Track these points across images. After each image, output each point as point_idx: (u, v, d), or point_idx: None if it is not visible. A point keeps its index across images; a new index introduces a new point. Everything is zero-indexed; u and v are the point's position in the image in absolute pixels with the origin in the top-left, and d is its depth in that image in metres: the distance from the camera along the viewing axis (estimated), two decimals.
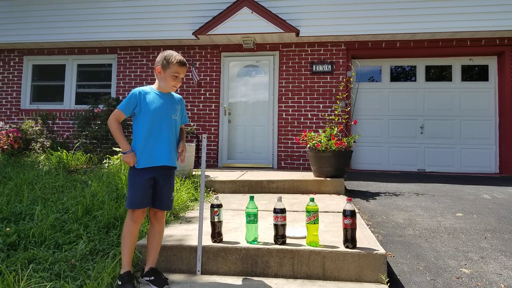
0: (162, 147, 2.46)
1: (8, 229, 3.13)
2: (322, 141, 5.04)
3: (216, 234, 2.73)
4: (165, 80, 2.48)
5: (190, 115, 7.57)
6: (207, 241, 2.73)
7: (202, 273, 2.62)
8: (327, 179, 4.95)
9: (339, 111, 6.72)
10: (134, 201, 2.38)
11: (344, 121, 6.88)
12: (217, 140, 7.52)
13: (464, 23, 6.58)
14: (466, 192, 5.11)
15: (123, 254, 2.40)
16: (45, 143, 7.38)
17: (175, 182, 4.40)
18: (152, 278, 2.42)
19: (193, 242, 2.75)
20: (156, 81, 2.56)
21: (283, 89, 7.37)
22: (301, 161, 7.24)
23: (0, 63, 8.28)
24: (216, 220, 2.71)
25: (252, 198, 2.70)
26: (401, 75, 7.63)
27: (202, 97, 7.59)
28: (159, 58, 2.50)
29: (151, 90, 2.52)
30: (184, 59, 2.52)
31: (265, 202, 4.27)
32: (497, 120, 7.12)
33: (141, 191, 2.38)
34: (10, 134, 6.87)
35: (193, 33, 7.07)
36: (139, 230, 2.50)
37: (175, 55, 2.48)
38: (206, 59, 7.62)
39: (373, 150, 7.46)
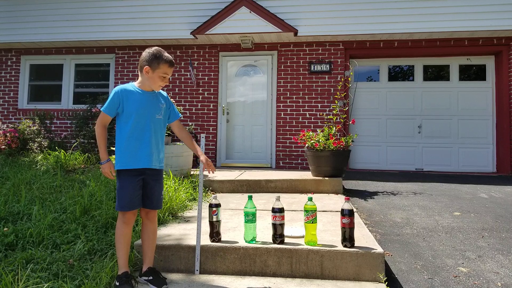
0: (145, 150, 2.39)
1: (6, 229, 3.13)
2: (320, 140, 5.05)
3: (215, 234, 2.73)
4: (152, 80, 2.38)
5: (188, 114, 7.56)
6: (206, 240, 2.73)
7: (200, 273, 2.63)
8: (325, 178, 4.96)
9: (337, 111, 6.74)
10: (124, 203, 2.35)
11: (342, 120, 6.89)
12: (215, 139, 7.52)
13: (462, 22, 6.59)
14: (463, 191, 5.13)
15: (118, 256, 2.39)
16: (42, 143, 7.37)
17: (173, 181, 4.42)
18: (151, 277, 2.41)
19: (192, 241, 2.75)
20: (139, 78, 2.44)
21: (282, 88, 7.37)
22: (299, 161, 7.25)
23: None
24: (214, 219, 2.71)
25: (250, 197, 2.71)
26: (399, 74, 7.64)
27: (201, 96, 7.59)
28: (146, 56, 2.36)
29: (133, 88, 2.41)
30: (172, 59, 2.42)
31: (264, 202, 4.27)
32: (494, 120, 7.14)
33: (131, 193, 2.35)
34: (8, 134, 6.85)
35: (191, 33, 7.06)
36: (131, 230, 2.49)
37: (165, 54, 2.37)
38: (204, 58, 7.61)
39: (371, 150, 7.47)
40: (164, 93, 2.60)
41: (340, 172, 5.04)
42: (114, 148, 2.46)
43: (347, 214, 2.54)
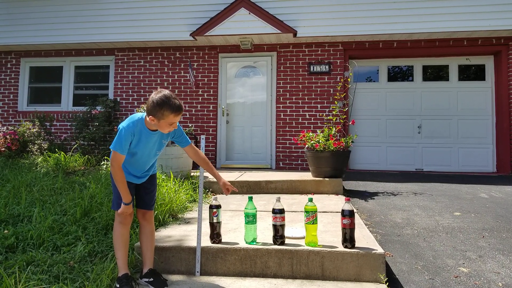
0: (140, 173, 2.48)
1: (6, 231, 3.13)
2: (320, 141, 5.05)
3: (215, 235, 2.73)
4: (159, 128, 2.29)
5: (188, 116, 7.57)
6: (206, 242, 2.73)
7: (201, 274, 2.62)
8: (326, 179, 4.96)
9: (337, 111, 6.74)
10: (119, 202, 2.37)
11: (342, 121, 6.89)
12: (215, 141, 7.52)
13: (461, 23, 6.60)
14: (463, 191, 5.12)
15: (117, 258, 2.40)
16: (42, 145, 7.36)
17: (174, 183, 4.42)
18: (152, 279, 2.41)
19: (192, 243, 2.75)
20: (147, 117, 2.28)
21: (281, 89, 7.38)
22: (299, 162, 7.25)
23: None
24: (215, 221, 2.71)
25: (250, 198, 2.71)
26: (399, 75, 7.65)
27: (200, 98, 7.59)
28: (151, 105, 2.18)
29: (142, 127, 2.31)
30: (181, 104, 2.24)
31: (264, 203, 4.27)
32: (494, 119, 7.14)
33: None
34: (8, 136, 6.85)
35: (191, 34, 7.07)
36: (129, 230, 2.51)
37: (171, 104, 2.17)
38: (204, 60, 7.62)
39: (371, 150, 7.47)
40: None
41: (340, 172, 5.04)
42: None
43: (348, 214, 2.53)
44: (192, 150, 2.60)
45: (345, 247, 2.56)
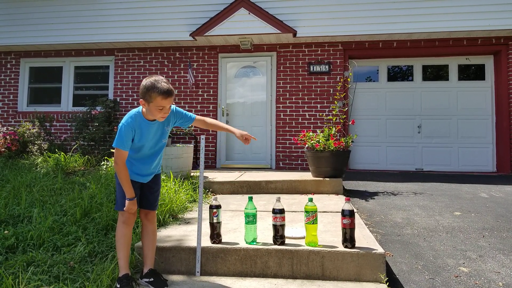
0: (146, 171, 2.48)
1: (6, 232, 3.13)
2: (320, 141, 5.05)
3: (215, 235, 2.73)
4: (151, 113, 2.31)
5: None
6: (206, 242, 2.73)
7: (201, 274, 2.62)
8: (326, 179, 4.96)
9: (336, 111, 6.74)
10: (123, 202, 2.37)
11: (341, 121, 6.89)
12: (215, 141, 7.52)
13: (460, 22, 6.61)
14: (464, 191, 5.13)
15: (119, 258, 2.40)
16: (42, 145, 7.37)
17: (174, 183, 4.42)
18: (152, 279, 2.41)
19: (192, 243, 2.75)
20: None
21: (281, 89, 7.38)
22: (299, 161, 7.25)
23: None
24: (215, 221, 2.71)
25: (250, 198, 2.70)
26: (398, 75, 7.65)
27: (200, 98, 7.59)
28: (142, 89, 2.26)
29: (141, 120, 2.35)
30: (169, 88, 2.25)
31: (264, 203, 4.27)
32: (494, 119, 7.15)
33: None
34: (8, 137, 6.85)
35: (190, 34, 7.07)
36: (132, 231, 2.50)
37: (158, 87, 2.21)
38: (204, 60, 7.62)
39: (371, 150, 7.47)
40: (171, 110, 2.47)
41: (340, 172, 5.04)
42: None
43: (348, 214, 2.53)
44: (201, 121, 2.67)
45: (345, 247, 2.56)
